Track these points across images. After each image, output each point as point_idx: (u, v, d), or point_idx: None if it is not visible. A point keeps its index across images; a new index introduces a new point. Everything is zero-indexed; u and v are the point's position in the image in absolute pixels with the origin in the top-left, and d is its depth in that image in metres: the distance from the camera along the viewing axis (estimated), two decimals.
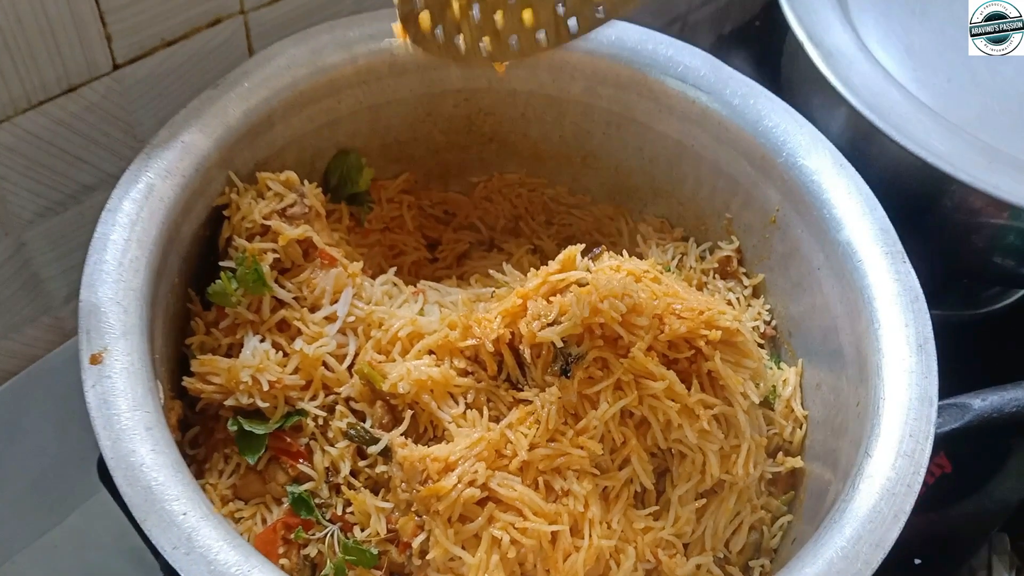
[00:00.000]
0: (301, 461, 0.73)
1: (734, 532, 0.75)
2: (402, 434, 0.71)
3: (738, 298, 0.89)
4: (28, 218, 0.82)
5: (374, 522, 0.70)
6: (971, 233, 0.94)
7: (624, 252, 0.81)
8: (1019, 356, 1.06)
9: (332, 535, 0.71)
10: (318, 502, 0.72)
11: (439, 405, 0.72)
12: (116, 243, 0.68)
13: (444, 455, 0.67)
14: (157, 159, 0.72)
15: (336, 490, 0.72)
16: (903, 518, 0.64)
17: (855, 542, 0.63)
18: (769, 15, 1.09)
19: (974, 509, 1.02)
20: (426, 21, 0.61)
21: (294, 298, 0.75)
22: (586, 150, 0.96)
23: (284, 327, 0.75)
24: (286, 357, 0.73)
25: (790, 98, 0.86)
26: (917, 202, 0.91)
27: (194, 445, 0.75)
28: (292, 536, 0.71)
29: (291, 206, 0.78)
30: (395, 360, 0.74)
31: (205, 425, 0.75)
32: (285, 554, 0.70)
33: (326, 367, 0.74)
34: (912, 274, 0.75)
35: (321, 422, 0.73)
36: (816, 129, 0.83)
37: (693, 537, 0.73)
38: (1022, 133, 0.94)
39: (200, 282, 0.76)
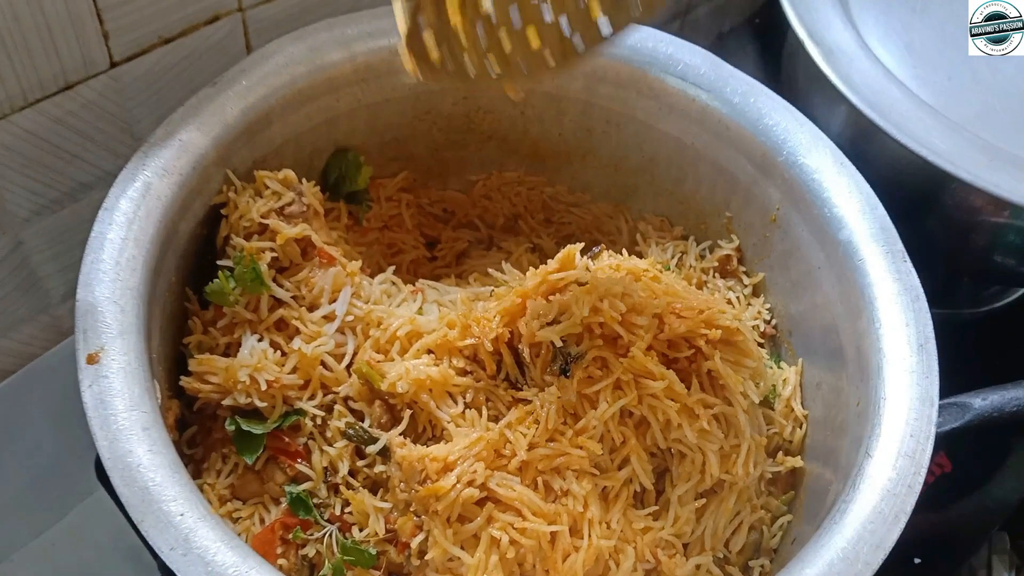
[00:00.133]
0: (299, 461, 0.72)
1: (734, 532, 0.75)
2: (401, 434, 0.71)
3: (738, 297, 0.89)
4: (25, 216, 0.81)
5: (372, 522, 0.70)
6: (971, 232, 0.94)
7: (624, 251, 0.81)
8: (1019, 355, 1.06)
9: (330, 535, 0.70)
10: (316, 502, 0.72)
11: (438, 405, 0.71)
12: (113, 242, 0.68)
13: (443, 455, 0.67)
14: (154, 157, 0.72)
15: (334, 490, 0.72)
16: (904, 519, 0.64)
17: (855, 543, 0.62)
18: (769, 13, 1.09)
19: (974, 508, 1.02)
20: (434, 51, 0.60)
21: (292, 297, 0.75)
22: (585, 148, 0.95)
23: (282, 326, 0.75)
24: (284, 356, 0.73)
25: (790, 96, 0.85)
26: (917, 200, 0.91)
27: (192, 445, 0.75)
28: (290, 536, 0.71)
29: (289, 204, 0.77)
30: (394, 359, 0.74)
31: (203, 425, 0.75)
32: (283, 554, 0.70)
33: (324, 366, 0.74)
34: (913, 273, 0.75)
35: (319, 422, 0.73)
36: (816, 127, 0.83)
37: (693, 537, 0.73)
38: (1023, 131, 0.93)
39: (198, 281, 0.76)
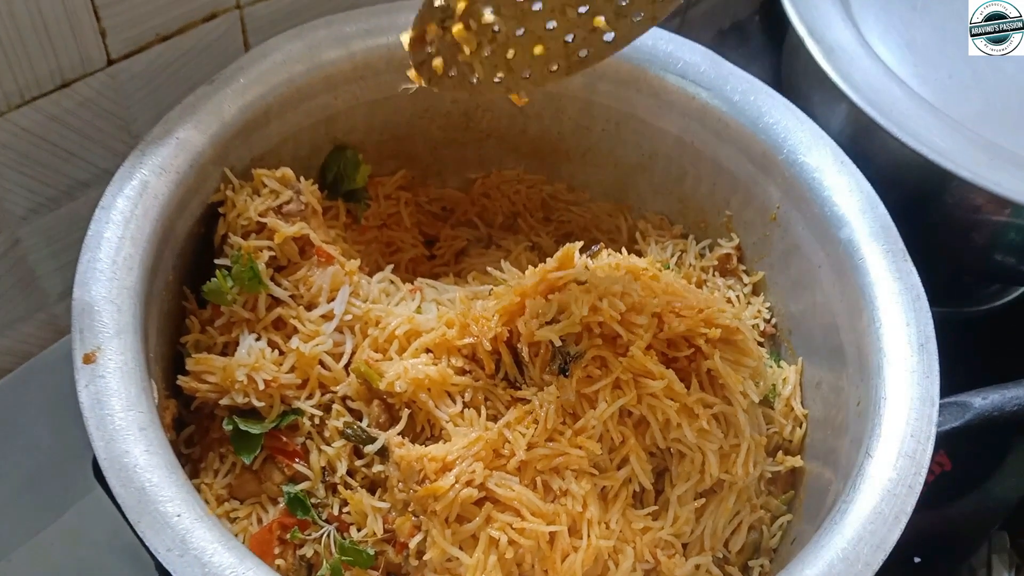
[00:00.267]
0: (297, 460, 0.72)
1: (733, 532, 0.75)
2: (399, 433, 0.71)
3: (738, 296, 0.89)
4: (22, 214, 0.81)
5: (371, 522, 0.69)
6: (971, 230, 0.93)
7: (623, 249, 0.81)
8: (1019, 354, 1.05)
9: (328, 535, 0.70)
10: (314, 502, 0.71)
11: (436, 404, 0.71)
12: (110, 241, 0.68)
13: (441, 455, 0.67)
14: (151, 156, 0.72)
15: (332, 490, 0.72)
16: (904, 519, 0.64)
17: (856, 543, 0.62)
18: (769, 10, 1.08)
19: (974, 507, 1.02)
20: (440, 65, 0.61)
21: (290, 296, 0.75)
22: (585, 146, 0.95)
23: (280, 325, 0.75)
24: (282, 356, 0.73)
25: (790, 94, 0.85)
26: (918, 199, 0.90)
27: (189, 444, 0.75)
28: (288, 536, 0.70)
29: (287, 203, 0.77)
30: (392, 358, 0.74)
31: (200, 424, 0.75)
32: (281, 554, 0.70)
33: (322, 366, 0.73)
34: (914, 272, 0.75)
35: (317, 421, 0.73)
36: (817, 126, 0.83)
37: (692, 537, 0.73)
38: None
39: (195, 280, 0.76)
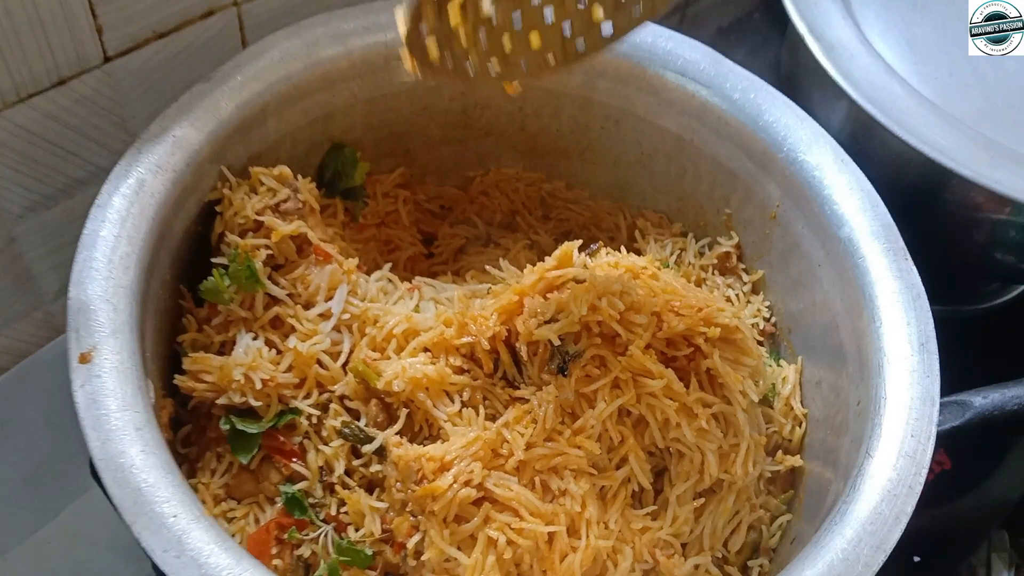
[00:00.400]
0: (295, 460, 0.72)
1: (732, 532, 0.75)
2: (397, 433, 0.71)
3: (737, 295, 0.88)
4: (18, 212, 0.81)
5: (368, 522, 0.69)
6: (972, 228, 0.93)
7: (622, 248, 0.80)
8: (1019, 352, 1.05)
9: (326, 535, 0.70)
10: (312, 502, 0.71)
11: (434, 403, 0.71)
12: (106, 240, 0.67)
13: (439, 454, 0.66)
14: (148, 154, 0.71)
15: (330, 490, 0.71)
16: (904, 520, 0.63)
17: (856, 544, 0.62)
18: (769, 8, 1.08)
19: (973, 506, 1.02)
20: (434, 49, 0.60)
21: (288, 295, 0.75)
22: (584, 144, 0.95)
23: (278, 324, 0.74)
24: (279, 355, 0.73)
25: (790, 92, 0.85)
26: (918, 197, 0.90)
27: (186, 444, 0.75)
28: (285, 536, 0.70)
29: (284, 201, 0.77)
30: (390, 358, 0.73)
31: (197, 423, 0.74)
32: (278, 554, 0.70)
33: (320, 365, 0.73)
34: (914, 272, 0.75)
35: (315, 421, 0.73)
36: (817, 124, 0.83)
37: (691, 537, 0.73)
38: None
39: (192, 279, 0.76)
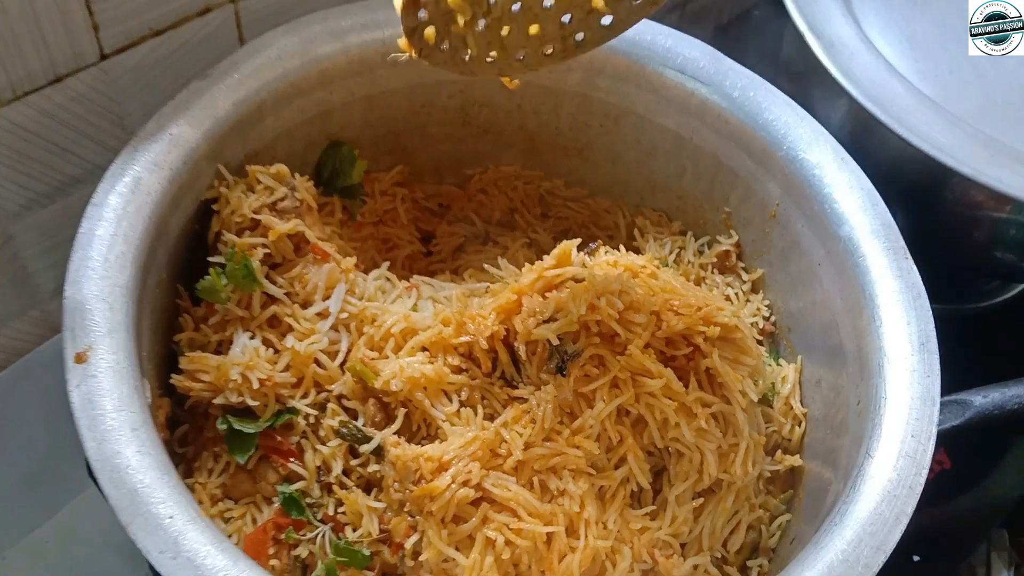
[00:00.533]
0: (292, 460, 0.71)
1: (732, 532, 0.74)
2: (395, 432, 0.70)
3: (736, 293, 0.88)
4: (14, 211, 0.80)
5: (366, 522, 0.69)
6: (972, 227, 0.93)
7: (621, 246, 0.80)
8: (1019, 351, 1.05)
9: (323, 535, 0.70)
10: (309, 502, 0.71)
11: (432, 403, 0.71)
12: (102, 238, 0.67)
13: (438, 454, 0.66)
14: (144, 152, 0.71)
15: (328, 489, 0.71)
16: (904, 520, 0.63)
17: (856, 545, 0.62)
18: (769, 5, 1.07)
19: (973, 505, 1.02)
20: (432, 35, 0.60)
21: (285, 294, 0.74)
22: (583, 142, 0.94)
23: (275, 323, 0.74)
24: (277, 354, 0.72)
25: (790, 90, 0.85)
26: (918, 195, 0.90)
27: (183, 443, 0.74)
28: (283, 536, 0.70)
29: (282, 200, 0.76)
30: (388, 357, 0.73)
31: (194, 423, 0.74)
32: (275, 555, 0.69)
33: (318, 364, 0.73)
34: (914, 271, 0.74)
35: (312, 420, 0.72)
36: (817, 122, 0.82)
37: (690, 537, 0.72)
38: None
39: (189, 277, 0.75)
